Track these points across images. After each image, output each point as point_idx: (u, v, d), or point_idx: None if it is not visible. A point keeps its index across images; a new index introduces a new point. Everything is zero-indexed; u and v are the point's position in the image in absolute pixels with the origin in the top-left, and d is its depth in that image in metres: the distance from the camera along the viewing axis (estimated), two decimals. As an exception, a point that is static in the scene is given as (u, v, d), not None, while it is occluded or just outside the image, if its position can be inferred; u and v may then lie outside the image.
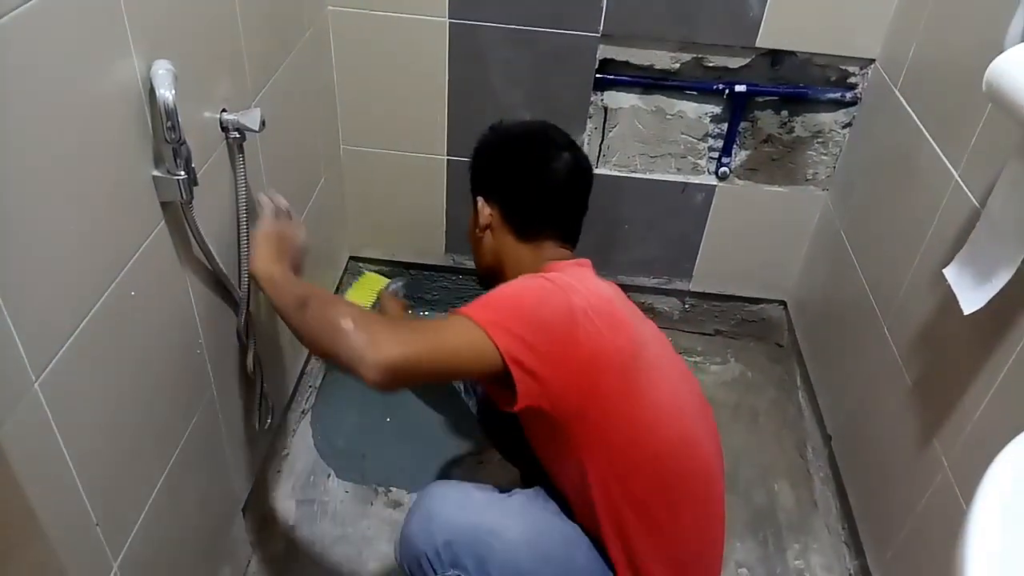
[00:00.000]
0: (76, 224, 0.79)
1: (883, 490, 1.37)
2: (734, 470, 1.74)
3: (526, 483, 1.22)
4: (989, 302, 1.00)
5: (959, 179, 1.20)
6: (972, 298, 1.03)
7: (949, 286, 1.08)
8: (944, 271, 1.09)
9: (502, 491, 1.16)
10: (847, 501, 1.52)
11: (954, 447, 1.14)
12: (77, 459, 0.81)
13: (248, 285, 1.19)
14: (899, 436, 1.31)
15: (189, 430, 1.11)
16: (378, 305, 1.86)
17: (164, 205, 0.94)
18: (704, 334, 2.09)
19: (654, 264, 1.95)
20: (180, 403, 1.08)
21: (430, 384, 0.97)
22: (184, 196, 0.93)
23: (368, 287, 1.93)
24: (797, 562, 1.56)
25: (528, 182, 1.19)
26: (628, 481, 1.03)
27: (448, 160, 1.80)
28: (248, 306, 1.24)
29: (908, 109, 1.42)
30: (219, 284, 1.14)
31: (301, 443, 1.71)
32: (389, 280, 1.96)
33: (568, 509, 1.13)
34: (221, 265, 1.10)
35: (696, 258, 1.92)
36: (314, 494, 1.62)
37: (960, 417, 1.13)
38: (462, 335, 0.96)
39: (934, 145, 1.30)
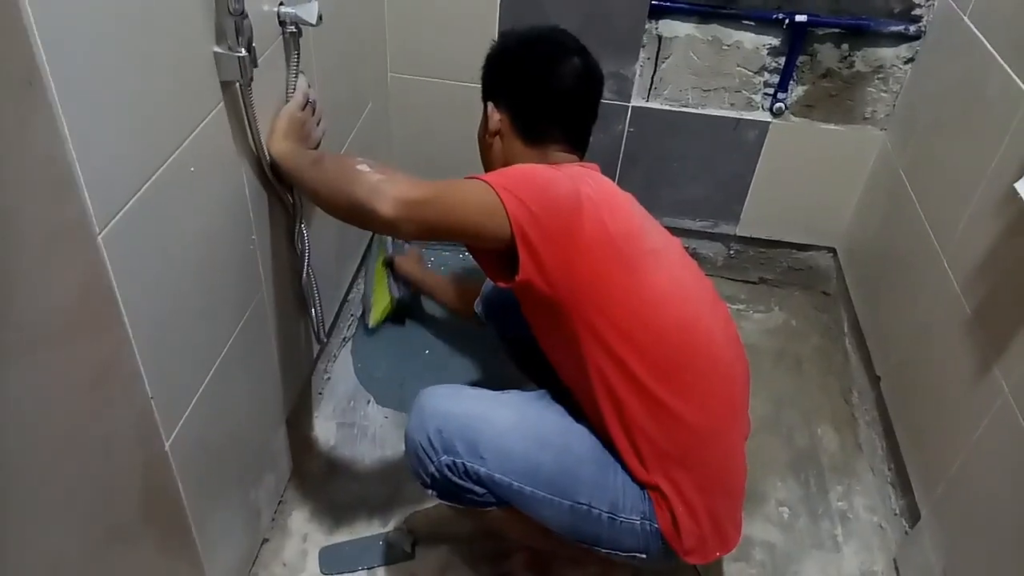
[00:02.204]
0: (142, 86, 0.79)
1: (935, 424, 1.34)
2: (776, 415, 1.71)
3: None
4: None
5: (1034, 98, 1.15)
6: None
7: (1021, 201, 1.04)
8: (1016, 185, 1.05)
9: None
10: (894, 442, 1.49)
11: (1016, 370, 1.10)
12: (133, 321, 0.81)
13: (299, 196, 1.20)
14: (955, 368, 1.28)
15: (240, 325, 1.11)
16: (398, 281, 1.78)
17: (224, 85, 0.94)
18: (748, 282, 2.05)
19: (701, 206, 1.91)
20: (232, 294, 1.09)
21: (439, 239, 0.99)
22: (244, 76, 0.93)
23: (380, 278, 1.81)
24: (840, 503, 1.53)
25: (535, 83, 1.19)
26: (627, 362, 1.04)
27: (496, 91, 1.77)
28: (301, 217, 1.24)
29: (979, 35, 1.36)
30: (270, 185, 1.14)
31: (342, 369, 1.72)
32: (385, 250, 1.80)
33: (576, 414, 1.14)
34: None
35: (745, 200, 1.88)
36: (354, 418, 1.63)
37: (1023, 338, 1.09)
38: (478, 193, 0.99)
39: (1007, 68, 1.25)
